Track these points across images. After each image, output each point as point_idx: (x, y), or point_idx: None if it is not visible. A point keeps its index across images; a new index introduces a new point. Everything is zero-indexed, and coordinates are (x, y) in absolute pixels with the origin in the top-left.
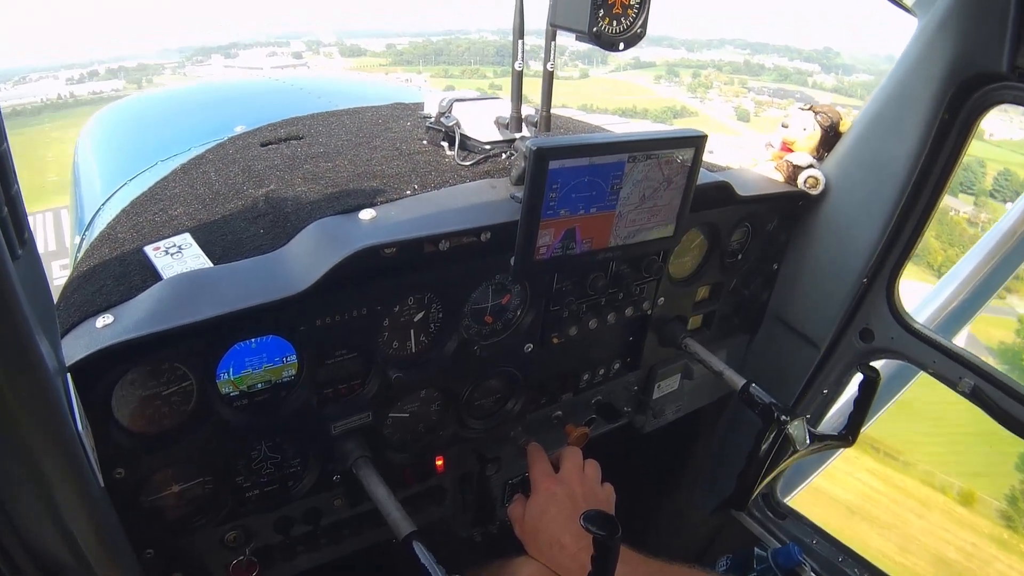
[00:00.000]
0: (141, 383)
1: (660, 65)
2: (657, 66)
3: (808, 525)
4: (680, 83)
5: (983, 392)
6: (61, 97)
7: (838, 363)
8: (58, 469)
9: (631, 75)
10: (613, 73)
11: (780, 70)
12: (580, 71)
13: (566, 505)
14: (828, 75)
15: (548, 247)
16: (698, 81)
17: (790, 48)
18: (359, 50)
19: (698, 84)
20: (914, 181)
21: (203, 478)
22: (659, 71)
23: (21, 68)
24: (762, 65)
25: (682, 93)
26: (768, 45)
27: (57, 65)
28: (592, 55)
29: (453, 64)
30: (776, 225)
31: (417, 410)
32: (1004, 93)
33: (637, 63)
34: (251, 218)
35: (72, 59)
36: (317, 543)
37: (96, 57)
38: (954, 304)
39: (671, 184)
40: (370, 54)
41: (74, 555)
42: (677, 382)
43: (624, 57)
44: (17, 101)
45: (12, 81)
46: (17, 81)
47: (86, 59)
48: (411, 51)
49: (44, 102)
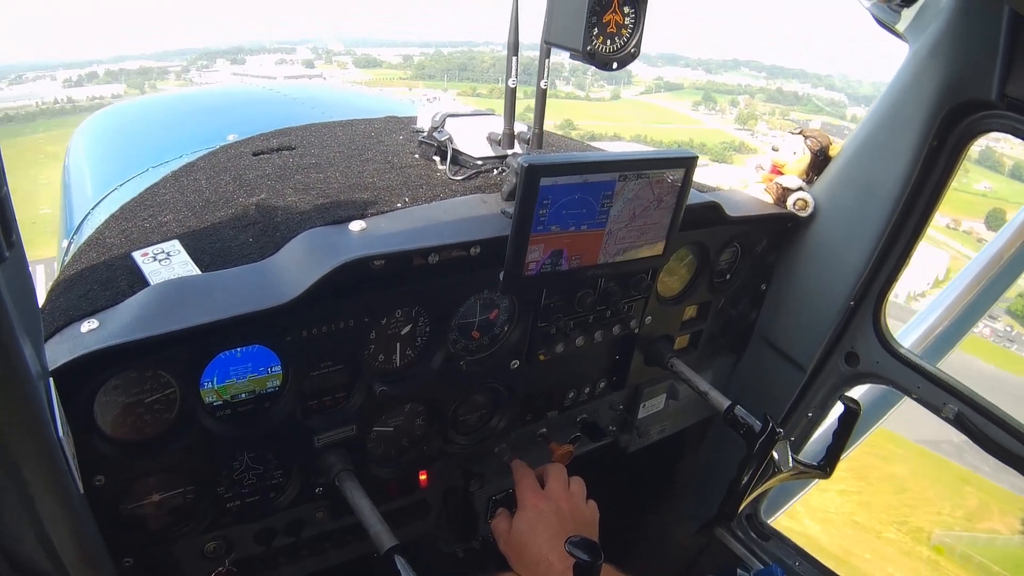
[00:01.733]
0: (124, 389)
1: (688, 88)
2: (685, 89)
3: (791, 547)
4: (718, 111)
5: (967, 418)
6: (58, 101)
7: (823, 386)
8: (38, 474)
9: (663, 99)
10: (644, 96)
11: (814, 100)
12: (611, 92)
13: (553, 522)
14: (859, 107)
15: (537, 263)
16: (745, 112)
17: (805, 72)
18: (374, 61)
19: (747, 115)
20: (902, 206)
21: (184, 487)
22: (692, 95)
23: (17, 65)
24: (796, 94)
25: (728, 124)
26: (784, 69)
27: (55, 64)
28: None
29: (479, 81)
30: (765, 246)
31: (402, 424)
32: (993, 121)
33: (665, 84)
34: (241, 227)
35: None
36: (298, 555)
37: (94, 56)
38: (940, 329)
39: (661, 203)
40: (386, 65)
41: (52, 561)
42: (662, 402)
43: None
44: (11, 104)
45: (7, 80)
46: (12, 80)
47: (84, 58)
48: (432, 64)
49: (40, 106)
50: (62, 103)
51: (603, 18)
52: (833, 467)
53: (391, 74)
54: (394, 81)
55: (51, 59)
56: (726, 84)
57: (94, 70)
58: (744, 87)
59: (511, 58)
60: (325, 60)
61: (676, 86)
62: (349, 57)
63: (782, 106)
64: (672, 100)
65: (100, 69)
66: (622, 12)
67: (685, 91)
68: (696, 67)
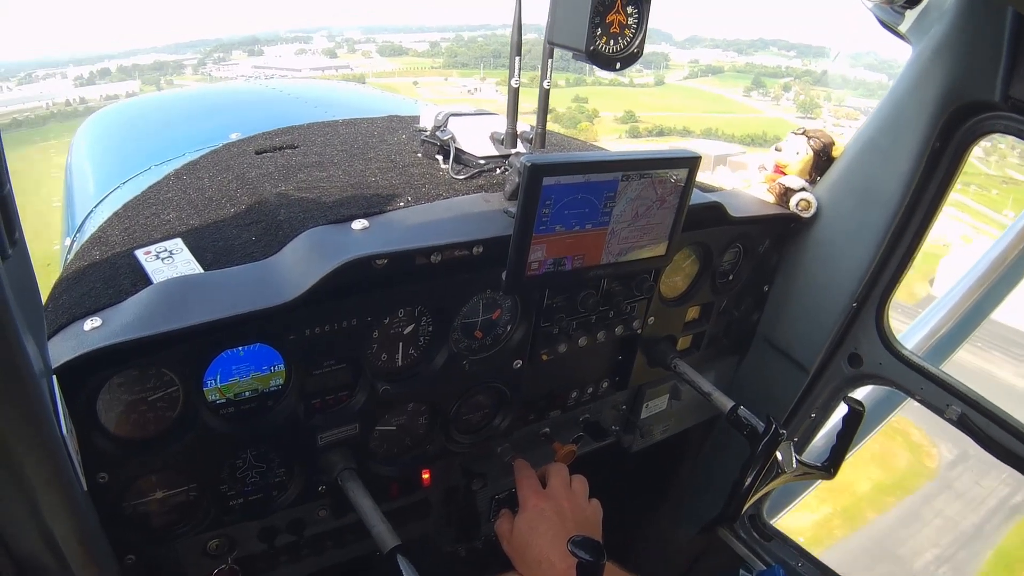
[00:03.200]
0: (127, 387)
1: (728, 71)
2: (726, 72)
3: (794, 547)
4: (771, 97)
5: (970, 420)
6: (70, 103)
7: (826, 388)
8: (41, 471)
9: (708, 84)
10: (688, 81)
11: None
12: (655, 77)
13: (555, 522)
14: None
15: (540, 262)
16: (804, 99)
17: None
18: (399, 49)
19: (811, 103)
20: (905, 207)
21: (187, 485)
22: (737, 80)
23: (27, 62)
24: (843, 76)
25: (788, 112)
26: (810, 47)
27: (64, 59)
28: (654, 60)
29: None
30: (767, 247)
31: (404, 423)
32: (996, 123)
33: (707, 68)
34: (243, 225)
35: (79, 52)
36: (300, 554)
37: (105, 50)
38: (943, 331)
39: (664, 203)
40: (412, 53)
41: (55, 558)
42: (665, 402)
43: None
44: (20, 106)
45: (17, 79)
46: (22, 79)
47: (94, 52)
48: (465, 51)
49: (50, 108)
50: (74, 104)
51: (606, 18)
52: (837, 468)
53: (420, 63)
54: (426, 70)
55: (60, 55)
56: (766, 66)
57: (106, 66)
58: (786, 69)
59: (514, 58)
60: (348, 49)
61: (717, 69)
62: (372, 46)
63: (831, 89)
64: (718, 85)
65: (112, 65)
66: (625, 12)
67: (727, 75)
68: (727, 48)
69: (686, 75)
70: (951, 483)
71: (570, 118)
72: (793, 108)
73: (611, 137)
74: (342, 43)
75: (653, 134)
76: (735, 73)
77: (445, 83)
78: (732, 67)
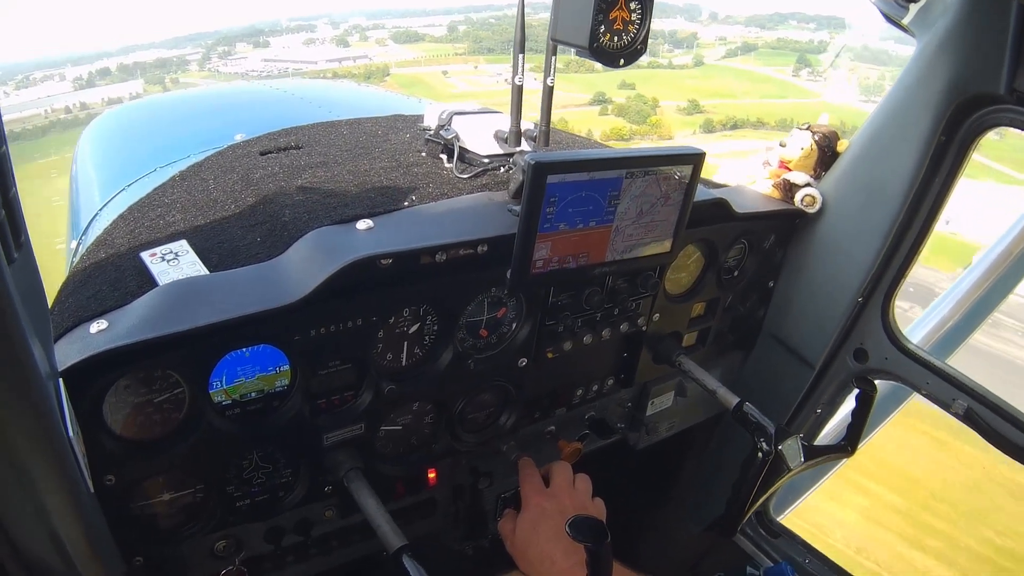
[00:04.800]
0: (133, 389)
1: (763, 48)
2: (760, 49)
3: (801, 544)
4: (822, 76)
5: (976, 414)
6: (70, 110)
7: (832, 383)
8: (48, 474)
9: (751, 63)
10: (728, 60)
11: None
12: (693, 58)
13: (556, 520)
14: None
15: (545, 260)
16: (872, 81)
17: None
18: (415, 35)
19: (876, 86)
20: (910, 201)
21: (194, 486)
22: (777, 57)
23: (24, 64)
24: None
25: (852, 95)
26: (831, 18)
27: (61, 59)
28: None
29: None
30: (772, 243)
31: (410, 423)
32: (1002, 116)
33: (743, 46)
34: (248, 226)
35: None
36: (307, 554)
37: (101, 48)
38: (949, 325)
39: (669, 200)
40: (429, 39)
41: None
42: (671, 399)
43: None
44: (18, 114)
45: (14, 82)
46: (20, 82)
47: (92, 51)
48: (491, 36)
49: (49, 116)
50: (74, 111)
51: (609, 15)
52: (855, 445)
53: (440, 49)
54: (450, 57)
55: (57, 54)
56: (798, 40)
57: (105, 65)
58: (819, 43)
59: (517, 55)
60: (360, 37)
61: (751, 47)
62: (383, 32)
63: (873, 65)
64: (760, 64)
65: (111, 63)
66: (628, 8)
67: (762, 52)
68: (750, 25)
69: (723, 55)
70: None
71: (636, 111)
72: (856, 90)
73: (685, 133)
74: (350, 31)
75: (727, 127)
76: (770, 50)
77: (475, 72)
78: (765, 44)
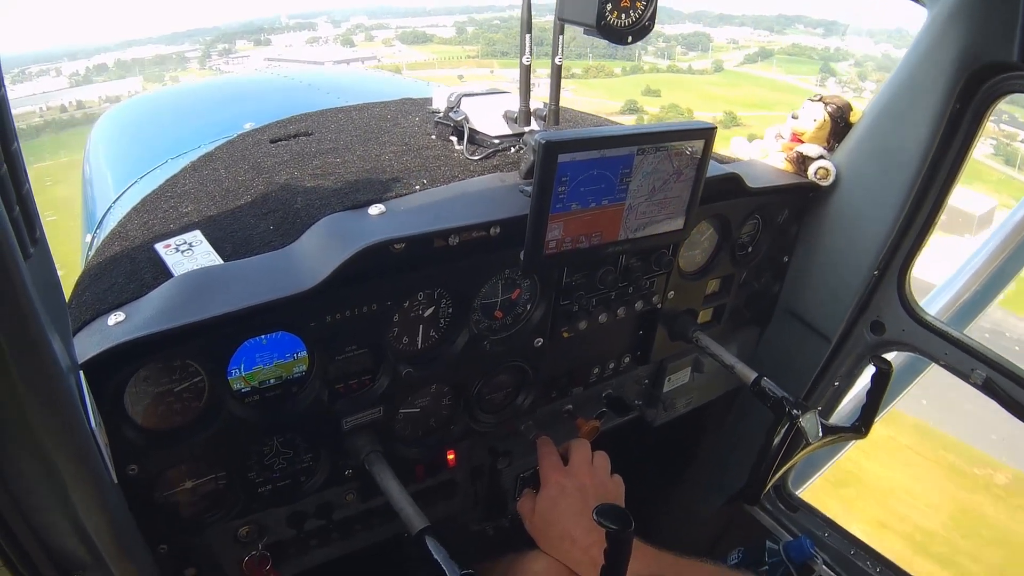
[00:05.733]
0: (153, 380)
1: (778, 54)
2: (776, 55)
3: (820, 518)
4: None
5: (995, 384)
6: (65, 108)
7: (849, 355)
8: (72, 466)
9: (768, 70)
10: (745, 67)
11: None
12: (712, 63)
13: (576, 498)
14: None
15: (558, 241)
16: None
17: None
18: (423, 36)
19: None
20: (925, 172)
21: (216, 474)
22: (795, 64)
23: (20, 57)
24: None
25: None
26: (836, 24)
27: (58, 53)
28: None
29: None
30: (786, 217)
31: (428, 405)
32: (1015, 83)
33: (761, 52)
34: (261, 214)
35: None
36: (329, 538)
37: (98, 41)
38: (966, 295)
39: (681, 176)
40: (437, 40)
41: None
42: (687, 375)
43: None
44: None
45: (10, 76)
46: (16, 76)
47: (89, 45)
48: (504, 40)
49: (44, 115)
50: (70, 110)
51: None
52: (869, 427)
53: (450, 51)
54: (462, 60)
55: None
56: (814, 48)
57: (103, 61)
58: (835, 51)
59: (524, 35)
60: (366, 37)
61: (767, 52)
62: (390, 32)
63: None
64: (782, 72)
65: (109, 59)
66: None
67: (779, 58)
68: (759, 28)
69: (742, 60)
70: None
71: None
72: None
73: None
74: (354, 30)
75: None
76: (787, 57)
77: (492, 76)
78: (782, 50)
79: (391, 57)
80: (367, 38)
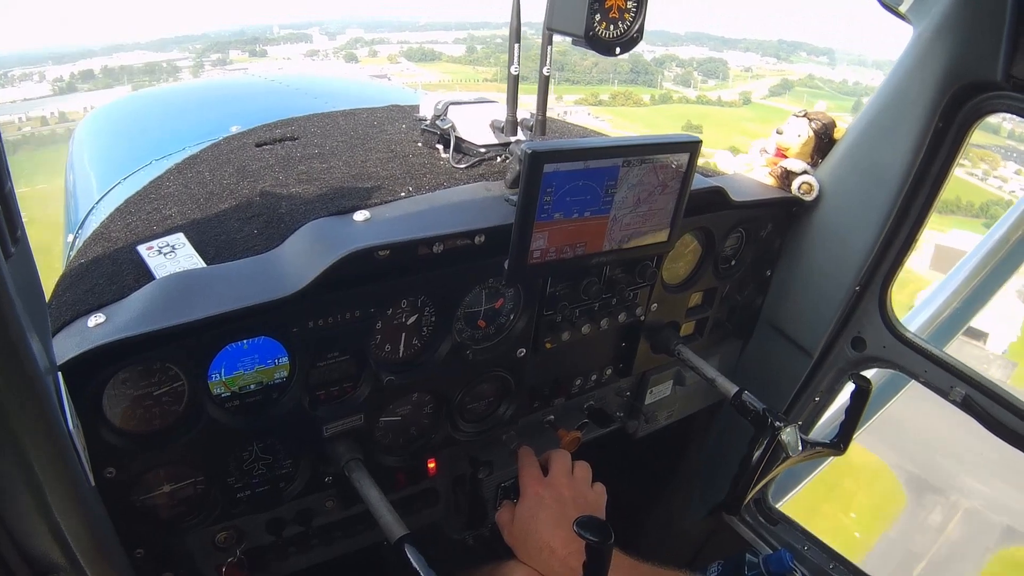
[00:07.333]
0: (132, 383)
1: (798, 86)
2: (796, 88)
3: (800, 531)
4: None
5: (974, 401)
6: (47, 121)
7: (830, 371)
8: (49, 468)
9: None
10: (771, 100)
11: None
12: (741, 95)
13: (555, 509)
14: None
15: (542, 251)
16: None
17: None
18: (431, 53)
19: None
20: (907, 188)
21: (194, 478)
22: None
23: (4, 57)
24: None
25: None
26: (836, 51)
27: (43, 55)
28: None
29: (581, 83)
30: (770, 231)
31: (409, 413)
32: (998, 102)
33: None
34: (245, 218)
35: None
36: (309, 544)
37: (85, 45)
38: (946, 313)
39: (666, 189)
40: (446, 59)
41: (65, 554)
42: (669, 388)
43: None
44: None
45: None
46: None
47: (75, 47)
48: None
49: (22, 126)
50: (51, 121)
51: (605, 3)
52: (847, 443)
53: (462, 71)
54: (479, 84)
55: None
56: (831, 80)
57: (89, 67)
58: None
59: (513, 45)
60: (369, 52)
61: (788, 85)
62: (394, 48)
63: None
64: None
65: (95, 64)
66: None
67: (800, 92)
68: (767, 54)
69: (766, 93)
70: None
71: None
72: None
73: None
74: (353, 43)
75: None
76: (807, 89)
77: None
78: (800, 82)
79: (399, 75)
80: (370, 53)
